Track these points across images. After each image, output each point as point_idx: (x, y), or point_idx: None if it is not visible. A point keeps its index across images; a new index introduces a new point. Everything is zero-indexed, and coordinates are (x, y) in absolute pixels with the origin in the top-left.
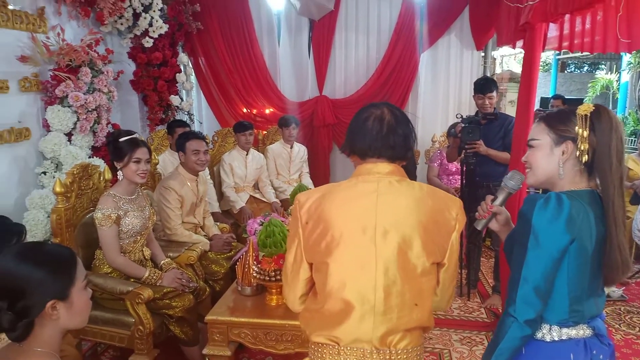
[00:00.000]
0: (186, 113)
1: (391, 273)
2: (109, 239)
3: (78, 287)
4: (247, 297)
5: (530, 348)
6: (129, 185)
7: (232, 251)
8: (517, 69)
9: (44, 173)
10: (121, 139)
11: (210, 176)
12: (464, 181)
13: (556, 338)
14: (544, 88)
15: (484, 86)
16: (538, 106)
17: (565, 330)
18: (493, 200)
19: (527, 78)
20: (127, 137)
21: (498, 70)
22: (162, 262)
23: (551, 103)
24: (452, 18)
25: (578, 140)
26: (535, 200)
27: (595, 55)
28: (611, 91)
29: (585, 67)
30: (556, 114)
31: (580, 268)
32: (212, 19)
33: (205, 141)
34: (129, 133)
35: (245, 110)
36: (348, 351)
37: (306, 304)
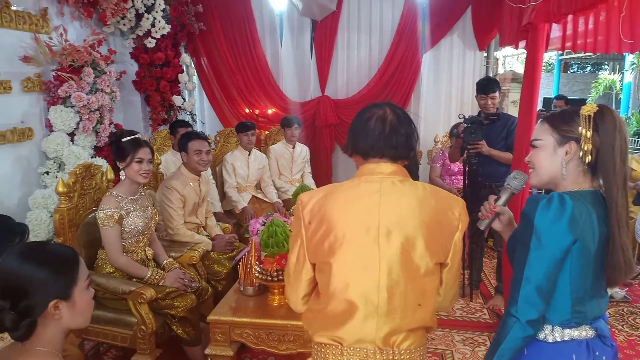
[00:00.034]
0: (188, 113)
1: (394, 273)
2: (112, 239)
3: (80, 287)
4: (250, 297)
5: (532, 349)
6: (132, 185)
7: (235, 251)
8: (520, 70)
9: (47, 173)
10: (124, 139)
11: (212, 176)
12: (467, 181)
13: (558, 339)
14: (547, 88)
15: (487, 86)
16: (541, 106)
17: (567, 331)
18: (496, 200)
19: (530, 78)
20: (130, 137)
21: (501, 70)
22: (165, 262)
23: (554, 103)
24: (455, 18)
25: (581, 140)
26: (537, 200)
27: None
28: (614, 92)
29: (588, 68)
30: (560, 114)
31: (582, 268)
32: (215, 20)
33: (207, 141)
34: (132, 133)
35: (247, 110)
36: (351, 351)
37: (309, 305)
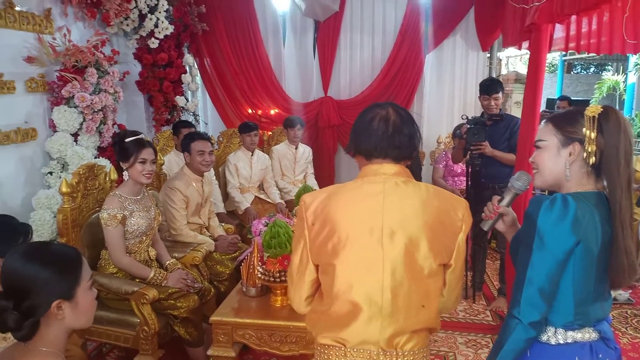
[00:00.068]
0: (191, 114)
1: (398, 274)
2: (115, 239)
3: (83, 287)
4: (252, 298)
5: (535, 351)
6: (135, 185)
7: (237, 252)
8: (523, 70)
9: (50, 173)
10: (127, 140)
11: (215, 177)
12: (470, 182)
13: (561, 341)
14: (550, 89)
15: (490, 87)
16: (544, 107)
17: (570, 333)
18: (500, 200)
19: (533, 79)
20: (133, 138)
21: (504, 71)
22: (167, 263)
23: (557, 104)
24: (458, 19)
25: (585, 141)
26: (540, 201)
27: (601, 56)
28: (618, 92)
29: (591, 69)
30: (564, 115)
31: (585, 270)
32: (218, 20)
33: (210, 142)
34: (135, 134)
35: (250, 111)
36: (354, 353)
37: (312, 306)
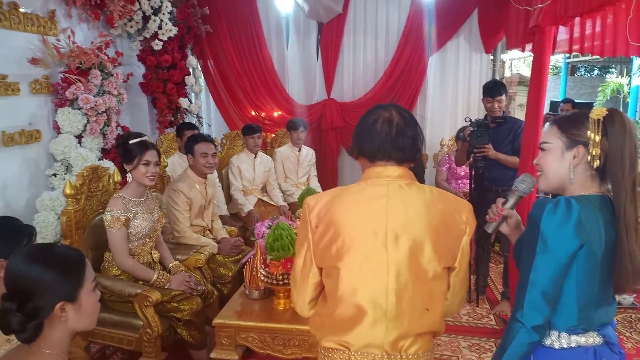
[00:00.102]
0: (195, 116)
1: (403, 278)
2: (118, 241)
3: (87, 289)
4: (255, 301)
5: (538, 355)
6: (138, 187)
7: (240, 254)
8: (527, 73)
9: (54, 175)
10: (131, 142)
11: (218, 179)
12: (473, 185)
13: (565, 345)
14: (554, 92)
15: (493, 89)
16: (547, 110)
17: (574, 337)
18: (504, 203)
19: (537, 81)
20: (137, 140)
21: (507, 73)
22: (171, 265)
23: (561, 107)
24: (461, 21)
25: (590, 145)
26: (544, 204)
27: (605, 58)
28: (622, 95)
29: (595, 71)
30: (569, 118)
31: (589, 274)
32: (221, 22)
33: (213, 144)
34: (139, 135)
35: (253, 113)
36: (358, 356)
37: (316, 309)
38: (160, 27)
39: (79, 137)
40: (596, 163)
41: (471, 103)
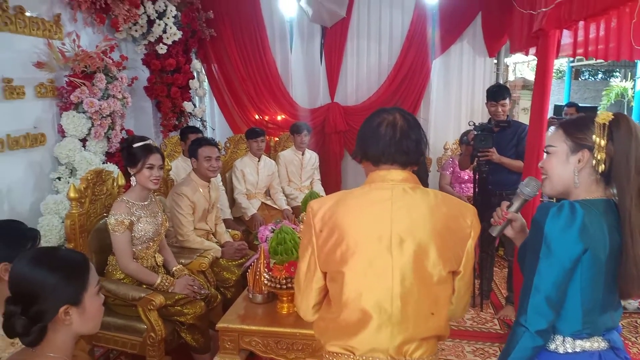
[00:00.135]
0: (199, 119)
1: (408, 282)
2: (122, 245)
3: (91, 293)
4: (258, 305)
5: (543, 359)
6: (142, 191)
7: (244, 258)
8: (530, 76)
9: (59, 178)
10: (135, 145)
11: (222, 183)
12: (477, 189)
13: (570, 350)
14: (558, 95)
15: (497, 93)
16: (551, 114)
17: (579, 342)
18: (508, 206)
19: (541, 85)
20: (141, 143)
21: (511, 77)
22: (174, 269)
23: (565, 111)
24: (465, 25)
25: (595, 149)
26: (548, 208)
27: (609, 62)
28: (626, 99)
29: (599, 75)
30: (575, 121)
31: (593, 279)
32: (225, 26)
33: (217, 147)
34: (143, 139)
35: (257, 116)
36: None
37: (321, 313)
38: (164, 31)
39: (84, 141)
40: (601, 167)
41: (475, 107)
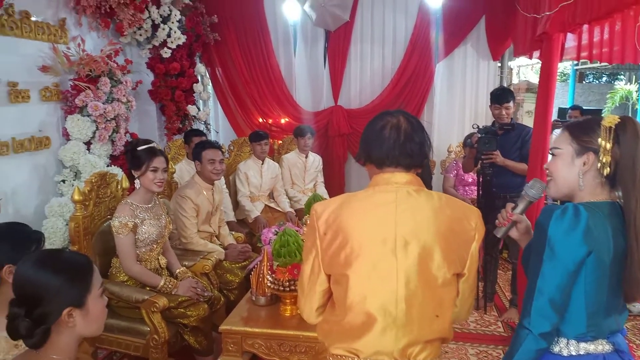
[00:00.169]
0: (203, 123)
1: (412, 284)
2: (126, 247)
3: (94, 295)
4: (261, 307)
5: None
6: (146, 193)
7: (247, 261)
8: (534, 80)
9: (63, 181)
10: (139, 148)
11: (225, 185)
12: (481, 192)
13: (574, 353)
14: (562, 99)
15: (501, 96)
16: (556, 117)
17: (583, 345)
18: (513, 208)
19: (545, 88)
20: (145, 146)
21: (515, 80)
22: (178, 271)
23: (569, 114)
24: (469, 28)
25: (600, 152)
26: (552, 210)
27: (613, 65)
28: (630, 102)
29: (603, 78)
30: (581, 124)
31: (598, 281)
32: (230, 30)
33: (221, 150)
34: (147, 142)
35: (261, 119)
36: None
37: (324, 316)
38: (169, 35)
39: (88, 144)
40: (606, 171)
41: (479, 110)
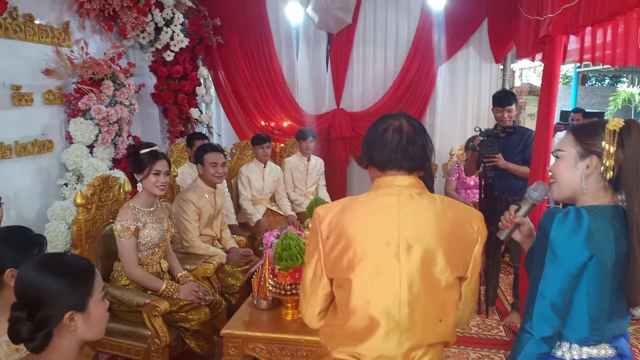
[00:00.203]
0: (205, 126)
1: (415, 288)
2: (128, 251)
3: (96, 299)
4: (263, 311)
5: None
6: (148, 197)
7: (249, 264)
8: (537, 82)
9: (66, 185)
10: (142, 151)
11: (227, 188)
12: (483, 195)
13: (576, 357)
14: (564, 101)
15: (503, 99)
16: (558, 119)
17: (586, 349)
18: (516, 210)
19: (547, 91)
20: (148, 150)
21: (517, 83)
22: (179, 275)
23: (571, 117)
24: (471, 30)
25: (603, 155)
26: (554, 213)
27: (616, 68)
28: (633, 105)
29: (606, 80)
30: (585, 127)
31: (600, 285)
32: (232, 33)
33: (223, 154)
34: (150, 145)
35: (263, 123)
36: None
37: (327, 320)
38: (172, 39)
39: (91, 147)
40: (609, 174)
41: (481, 113)
